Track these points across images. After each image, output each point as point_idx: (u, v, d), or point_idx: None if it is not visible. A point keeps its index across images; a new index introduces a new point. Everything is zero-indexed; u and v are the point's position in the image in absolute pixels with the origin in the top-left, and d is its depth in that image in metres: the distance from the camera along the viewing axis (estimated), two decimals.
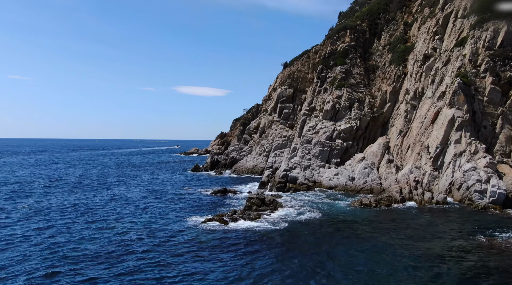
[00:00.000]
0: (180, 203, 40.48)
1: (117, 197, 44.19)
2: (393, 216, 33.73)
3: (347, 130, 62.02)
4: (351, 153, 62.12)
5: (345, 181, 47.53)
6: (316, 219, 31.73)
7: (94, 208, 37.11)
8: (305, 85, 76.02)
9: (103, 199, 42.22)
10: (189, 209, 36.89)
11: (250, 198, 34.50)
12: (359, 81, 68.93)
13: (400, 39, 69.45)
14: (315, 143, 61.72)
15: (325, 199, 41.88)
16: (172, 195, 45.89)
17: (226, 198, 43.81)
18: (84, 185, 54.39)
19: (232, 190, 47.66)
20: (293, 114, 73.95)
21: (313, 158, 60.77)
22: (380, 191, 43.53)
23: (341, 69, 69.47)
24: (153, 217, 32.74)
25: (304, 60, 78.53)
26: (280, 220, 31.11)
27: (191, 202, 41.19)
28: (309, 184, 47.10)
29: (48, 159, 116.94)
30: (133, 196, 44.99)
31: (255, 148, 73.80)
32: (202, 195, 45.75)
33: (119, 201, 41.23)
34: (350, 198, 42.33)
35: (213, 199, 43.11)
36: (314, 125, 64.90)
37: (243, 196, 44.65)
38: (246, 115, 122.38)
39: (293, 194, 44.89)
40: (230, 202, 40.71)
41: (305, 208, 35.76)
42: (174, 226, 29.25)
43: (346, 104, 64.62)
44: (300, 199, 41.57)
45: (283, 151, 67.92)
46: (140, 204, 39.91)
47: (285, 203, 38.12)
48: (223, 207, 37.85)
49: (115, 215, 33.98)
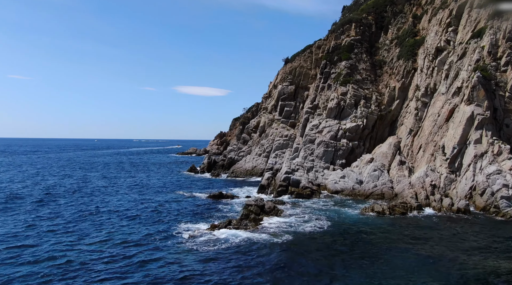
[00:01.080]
0: (170, 209, 36.32)
1: (100, 201, 40.01)
2: (411, 226, 29.54)
3: (353, 129, 57.85)
4: (357, 153, 57.94)
5: (353, 185, 43.35)
6: (323, 231, 27.52)
7: (71, 212, 32.92)
8: (308, 82, 71.84)
9: (84, 203, 38.02)
10: (178, 217, 32.70)
11: (247, 205, 30.34)
12: (365, 77, 64.75)
13: (409, 33, 65.26)
14: (319, 142, 57.55)
15: (332, 205, 37.68)
16: (162, 200, 41.73)
17: (221, 203, 39.64)
18: (63, 187, 50.18)
19: (228, 194, 43.51)
20: (295, 113, 69.78)
21: (316, 159, 56.59)
22: (392, 196, 39.30)
23: (346, 64, 65.27)
24: (135, 227, 28.54)
25: (306, 56, 74.34)
26: (281, 231, 26.94)
27: (182, 208, 37.02)
28: (313, 188, 42.93)
29: (25, 161, 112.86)
30: (118, 200, 40.83)
31: (254, 148, 69.64)
32: (195, 200, 41.59)
33: (101, 206, 37.06)
34: (359, 204, 38.15)
35: (207, 204, 38.95)
36: (317, 124, 60.74)
37: (241, 201, 40.51)
38: (246, 115, 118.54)
39: (295, 199, 40.71)
40: (225, 208, 36.54)
41: (310, 217, 31.56)
42: (157, 241, 24.97)
43: (351, 101, 60.45)
44: (303, 205, 37.36)
45: (284, 151, 63.75)
46: (125, 209, 35.75)
47: (287, 210, 33.94)
48: (217, 214, 33.68)
49: (92, 223, 29.80)
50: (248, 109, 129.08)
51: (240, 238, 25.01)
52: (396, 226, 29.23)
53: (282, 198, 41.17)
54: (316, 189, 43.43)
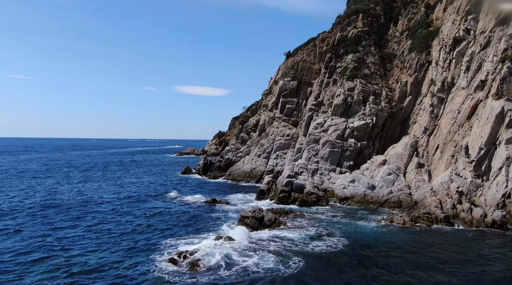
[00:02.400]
0: (154, 218, 31.26)
1: (76, 208, 34.93)
2: (441, 244, 24.45)
3: (361, 128, 52.76)
4: (366, 154, 52.86)
5: (364, 190, 38.25)
6: (337, 251, 22.36)
7: (35, 223, 27.89)
8: (311, 77, 66.73)
9: (58, 209, 32.94)
10: (163, 229, 27.64)
11: (243, 218, 25.26)
12: (374, 71, 59.63)
13: (422, 24, 60.12)
14: (324, 142, 52.45)
15: (342, 215, 32.53)
16: (149, 206, 36.68)
17: (214, 211, 34.56)
18: (38, 190, 45.11)
19: (223, 200, 38.46)
20: (297, 110, 64.66)
21: (321, 161, 51.48)
22: (411, 204, 34.15)
23: (353, 57, 60.15)
24: (109, 246, 23.43)
25: (309, 49, 69.21)
26: (285, 251, 21.86)
27: (168, 217, 31.95)
28: (319, 194, 37.86)
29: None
30: (101, 206, 35.76)
31: (253, 149, 64.54)
32: (185, 207, 36.52)
33: (81, 215, 31.99)
34: (374, 213, 33.06)
35: (198, 212, 33.88)
36: (322, 122, 55.64)
37: (237, 208, 35.45)
38: (246, 114, 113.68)
39: (299, 208, 35.61)
40: (219, 218, 31.46)
41: (318, 231, 26.42)
42: (124, 269, 19.78)
43: (359, 97, 55.34)
44: (309, 215, 32.21)
45: (286, 152, 58.63)
46: (104, 218, 30.69)
47: (290, 221, 28.84)
48: (208, 226, 28.61)
49: (61, 239, 24.74)
50: (248, 108, 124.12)
51: (232, 262, 19.91)
52: (424, 244, 24.05)
53: (284, 205, 36.04)
54: (323, 195, 38.34)
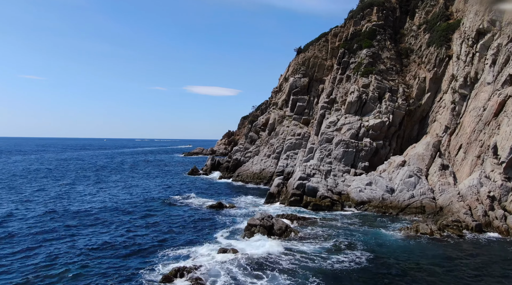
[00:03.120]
0: (155, 225, 28.86)
1: (79, 209, 32.73)
2: (477, 258, 21.48)
3: (377, 126, 49.73)
4: (382, 154, 49.82)
5: (382, 194, 35.30)
6: (360, 267, 19.51)
7: (30, 230, 25.71)
8: (323, 74, 63.80)
9: (58, 214, 30.78)
10: (162, 236, 25.20)
11: (250, 226, 22.63)
12: (389, 67, 56.49)
13: (441, 16, 56.76)
14: (337, 142, 49.56)
15: (360, 222, 29.69)
16: (151, 209, 34.34)
17: (220, 216, 32.00)
18: (40, 191, 43.11)
19: (230, 204, 35.89)
20: (309, 108, 61.80)
21: (334, 161, 48.61)
22: (435, 210, 31.10)
23: (368, 52, 57.08)
24: (101, 258, 21.03)
25: (321, 45, 66.27)
26: (300, 268, 19.17)
27: (169, 222, 29.52)
28: (333, 198, 35.04)
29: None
30: (100, 209, 33.52)
31: (262, 148, 61.88)
32: (188, 211, 34.04)
33: (76, 218, 29.77)
34: (395, 220, 30.15)
35: (202, 217, 31.38)
36: (335, 120, 52.74)
37: (245, 212, 32.86)
38: (255, 113, 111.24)
39: (312, 213, 32.82)
40: (224, 225, 28.90)
41: (336, 242, 23.61)
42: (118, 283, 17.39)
43: (374, 94, 52.30)
44: (324, 222, 29.42)
45: (297, 152, 55.84)
46: (102, 223, 28.42)
47: (303, 229, 26.12)
48: (211, 234, 26.05)
49: (49, 247, 22.44)
50: (257, 107, 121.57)
51: (236, 281, 17.29)
52: (459, 260, 21.11)
53: (296, 210, 33.30)
54: (337, 199, 35.51)
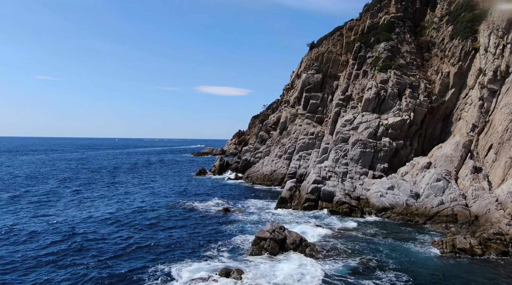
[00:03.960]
0: (152, 235, 25.97)
1: (72, 216, 30.10)
2: None
3: (397, 125, 46.16)
4: (403, 155, 46.24)
5: (406, 199, 31.84)
6: None
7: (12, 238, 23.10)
8: (338, 70, 60.34)
9: (44, 219, 28.19)
10: (158, 249, 22.28)
11: (259, 239, 19.53)
12: (409, 61, 52.79)
13: (465, 7, 52.78)
14: (354, 142, 46.14)
15: (384, 233, 26.32)
16: (151, 217, 31.52)
17: (226, 223, 29.01)
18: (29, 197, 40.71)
19: (237, 209, 32.84)
20: (323, 106, 58.44)
21: (351, 162, 45.21)
22: (469, 219, 27.50)
23: (386, 46, 53.49)
24: (85, 268, 18.18)
25: (335, 39, 62.81)
26: None
27: (170, 231, 26.65)
28: (351, 203, 31.72)
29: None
30: (98, 215, 30.87)
31: (273, 149, 58.73)
32: (192, 217, 31.13)
33: (68, 224, 27.13)
34: (423, 230, 26.70)
35: (206, 225, 28.44)
36: (351, 119, 49.30)
37: (254, 219, 29.79)
38: (266, 112, 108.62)
39: (329, 220, 29.52)
40: (230, 234, 25.90)
41: (361, 259, 20.22)
42: None
43: (394, 90, 48.71)
44: (343, 233, 26.07)
45: (310, 153, 52.54)
46: (95, 233, 25.71)
47: (320, 243, 22.90)
48: (214, 246, 23.03)
49: (27, 265, 19.73)
50: (268, 106, 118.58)
51: None
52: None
53: (310, 215, 30.06)
54: (356, 205, 32.16)
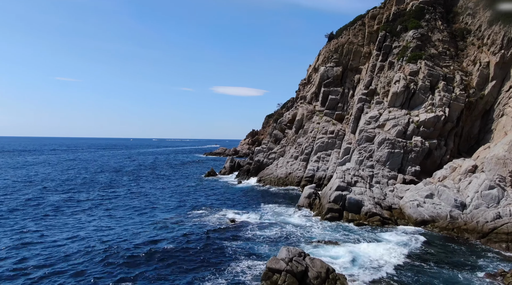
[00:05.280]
0: (147, 257, 21.34)
1: (59, 226, 25.77)
2: None
3: (429, 122, 40.58)
4: (436, 157, 40.63)
5: (449, 210, 26.43)
6: None
7: None
8: (359, 62, 54.87)
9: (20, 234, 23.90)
10: (149, 274, 17.59)
11: (271, 271, 14.58)
12: (442, 51, 47.02)
13: None
14: (380, 141, 40.75)
15: (433, 255, 21.01)
16: (144, 231, 26.96)
17: (233, 238, 24.21)
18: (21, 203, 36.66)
19: (247, 219, 27.99)
20: (343, 102, 53.07)
21: (377, 165, 39.83)
22: None
23: (415, 34, 47.84)
24: None
25: (356, 29, 57.34)
26: None
27: (169, 250, 21.98)
28: (383, 215, 26.46)
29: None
30: (87, 225, 26.51)
31: (289, 149, 53.63)
32: (194, 232, 26.37)
33: (48, 255, 22.79)
34: (476, 252, 21.32)
35: (207, 242, 23.67)
36: (376, 115, 43.89)
37: (267, 235, 24.88)
38: (280, 111, 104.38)
39: (358, 236, 24.29)
40: (233, 257, 21.08)
41: None
42: None
43: (425, 83, 43.11)
44: (379, 258, 20.76)
45: (330, 153, 47.27)
46: (65, 256, 21.27)
47: (353, 272, 17.76)
48: (213, 277, 18.20)
49: None
50: (283, 105, 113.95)
51: None
52: None
53: (335, 227, 24.91)
54: (389, 216, 26.87)
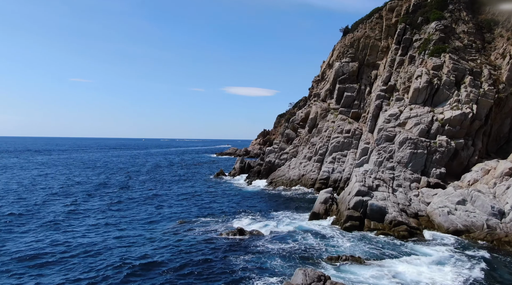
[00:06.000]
0: (140, 272, 18.84)
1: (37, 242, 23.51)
2: None
3: (455, 120, 37.32)
4: (463, 158, 37.33)
5: (485, 218, 23.33)
6: None
7: None
8: (376, 57, 51.68)
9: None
10: None
11: None
12: (468, 43, 43.64)
13: None
14: (401, 141, 37.63)
15: (482, 275, 17.95)
16: (149, 239, 24.54)
17: (240, 253, 21.56)
18: None
19: (257, 229, 25.27)
20: (359, 99, 49.96)
21: (398, 166, 36.74)
22: None
23: (438, 26, 44.54)
24: None
25: (373, 22, 54.14)
26: None
27: (162, 262, 19.41)
28: (410, 224, 23.46)
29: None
30: (76, 234, 24.19)
31: (301, 149, 50.75)
32: (196, 242, 23.75)
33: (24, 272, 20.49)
34: None
35: (209, 258, 21.03)
36: (396, 113, 40.78)
37: (278, 247, 22.14)
38: (292, 110, 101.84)
39: (389, 250, 21.33)
40: (240, 276, 18.35)
41: None
42: None
43: (450, 78, 39.83)
44: (414, 269, 17.79)
45: (346, 154, 44.26)
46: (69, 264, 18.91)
47: None
48: None
49: None
50: (295, 104, 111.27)
51: None
52: None
53: (357, 237, 22.01)
54: (417, 225, 23.85)
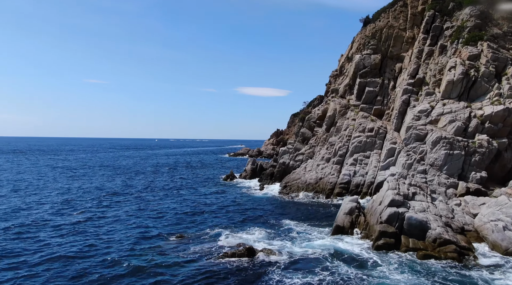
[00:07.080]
0: None
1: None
2: None
3: (497, 116, 32.56)
4: (506, 160, 32.52)
5: None
6: None
7: None
8: (401, 48, 46.96)
9: None
10: None
11: None
12: (507, 30, 38.75)
13: None
14: (435, 140, 33.02)
15: None
16: (134, 260, 20.71)
17: (249, 283, 17.38)
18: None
19: (269, 249, 21.17)
20: (382, 95, 45.34)
21: (431, 170, 32.14)
22: None
23: (473, 11, 39.74)
24: None
25: (397, 11, 49.39)
26: None
27: None
28: (459, 243, 19.00)
29: None
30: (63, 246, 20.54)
31: (319, 150, 46.36)
32: (194, 270, 19.77)
33: None
34: None
35: (216, 283, 16.95)
36: (427, 109, 36.14)
37: (299, 278, 17.95)
38: (307, 109, 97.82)
39: (440, 279, 16.95)
40: None
41: None
42: None
43: (489, 69, 35.05)
44: None
45: (369, 155, 39.75)
46: None
47: None
48: None
49: None
50: (309, 103, 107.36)
51: None
52: None
53: (399, 267, 17.70)
54: (467, 245, 19.36)
